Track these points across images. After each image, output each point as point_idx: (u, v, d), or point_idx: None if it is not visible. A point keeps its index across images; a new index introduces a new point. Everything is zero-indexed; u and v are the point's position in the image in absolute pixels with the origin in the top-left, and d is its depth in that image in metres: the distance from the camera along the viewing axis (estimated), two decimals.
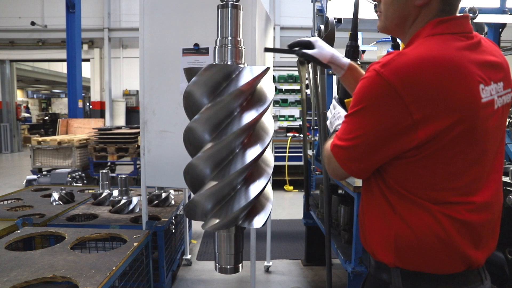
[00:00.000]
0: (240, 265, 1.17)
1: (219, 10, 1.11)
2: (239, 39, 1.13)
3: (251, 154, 1.05)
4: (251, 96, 1.10)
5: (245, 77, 1.04)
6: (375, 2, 1.14)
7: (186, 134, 1.09)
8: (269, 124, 1.16)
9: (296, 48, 1.32)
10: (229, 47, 1.11)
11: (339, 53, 1.33)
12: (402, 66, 0.87)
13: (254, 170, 1.11)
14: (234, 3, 1.10)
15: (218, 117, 1.06)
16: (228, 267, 1.15)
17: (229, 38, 1.11)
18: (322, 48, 1.28)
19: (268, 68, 1.09)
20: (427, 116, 0.85)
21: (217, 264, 1.16)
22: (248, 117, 1.05)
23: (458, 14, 0.97)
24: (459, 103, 0.86)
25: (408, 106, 0.85)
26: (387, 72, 0.87)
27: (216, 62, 1.13)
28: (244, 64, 1.13)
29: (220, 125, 1.07)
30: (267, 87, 1.13)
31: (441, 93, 0.85)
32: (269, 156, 1.17)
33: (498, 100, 0.93)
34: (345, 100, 1.28)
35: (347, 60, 1.29)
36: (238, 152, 1.08)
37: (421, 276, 0.95)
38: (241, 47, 1.14)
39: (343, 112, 1.21)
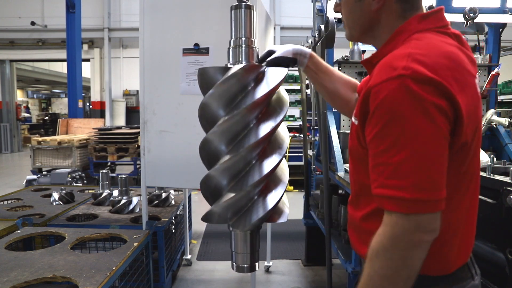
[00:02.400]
0: (257, 263, 1.18)
1: (233, 11, 1.12)
2: (252, 39, 1.13)
3: (265, 129, 1.06)
4: (262, 79, 1.10)
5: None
6: (338, 14, 1.12)
7: (201, 111, 1.09)
8: (285, 97, 1.16)
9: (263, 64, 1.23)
10: (243, 48, 1.12)
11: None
12: (426, 59, 0.81)
13: (268, 147, 1.11)
14: (248, 3, 1.10)
15: (232, 92, 1.06)
16: (245, 266, 1.16)
17: (243, 38, 1.12)
18: (281, 47, 1.25)
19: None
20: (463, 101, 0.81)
21: (234, 263, 1.18)
22: (262, 90, 1.05)
23: (434, 9, 0.96)
24: (473, 101, 0.86)
25: (456, 96, 0.79)
26: (418, 67, 0.79)
27: (231, 62, 1.14)
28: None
29: (234, 100, 1.08)
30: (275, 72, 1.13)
31: (463, 86, 0.83)
32: (284, 133, 1.18)
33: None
34: None
35: (309, 50, 1.27)
36: (252, 127, 1.08)
37: (420, 278, 0.90)
38: (255, 47, 1.14)
39: None
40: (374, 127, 0.83)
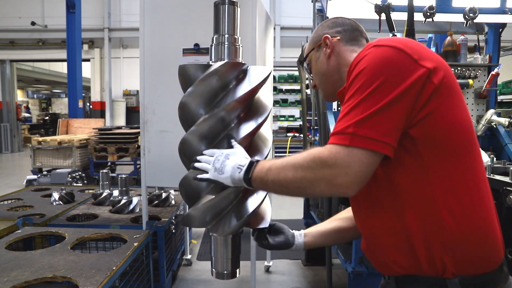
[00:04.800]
0: (238, 270, 1.13)
1: (216, 7, 1.08)
2: (236, 36, 1.10)
3: (246, 129, 1.03)
4: (249, 108, 1.08)
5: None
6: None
7: (181, 111, 1.05)
8: (267, 100, 1.15)
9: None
10: (226, 45, 1.09)
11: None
12: (393, 39, 0.93)
13: (250, 149, 1.08)
14: (232, 0, 1.08)
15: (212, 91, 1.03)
16: (225, 272, 1.11)
17: (226, 35, 1.08)
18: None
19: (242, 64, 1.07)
20: (434, 67, 0.87)
21: (213, 269, 1.12)
22: (244, 88, 1.03)
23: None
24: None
25: (418, 61, 0.86)
26: (385, 42, 0.90)
27: (213, 60, 1.11)
28: (241, 61, 1.11)
29: (215, 98, 1.04)
30: (264, 97, 1.12)
31: (430, 55, 0.91)
32: (267, 134, 1.17)
33: None
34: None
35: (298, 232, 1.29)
36: (233, 127, 1.05)
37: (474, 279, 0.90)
38: (238, 45, 1.11)
39: (237, 148, 1.02)
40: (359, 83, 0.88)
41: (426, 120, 0.87)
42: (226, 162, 0.95)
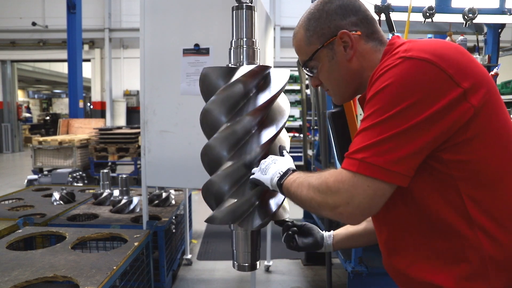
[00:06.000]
0: (258, 262, 1.19)
1: (234, 11, 1.13)
2: (254, 40, 1.14)
3: (266, 135, 1.07)
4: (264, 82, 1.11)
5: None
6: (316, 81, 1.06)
7: (203, 117, 1.10)
8: (285, 105, 1.17)
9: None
10: (244, 48, 1.13)
11: None
12: (426, 46, 0.81)
13: (268, 153, 1.12)
14: (249, 4, 1.11)
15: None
16: (246, 264, 1.17)
17: (244, 39, 1.13)
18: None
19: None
20: (473, 85, 0.78)
21: (235, 262, 1.18)
22: (264, 97, 1.06)
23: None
24: (487, 77, 0.84)
25: (453, 77, 0.77)
26: (417, 53, 0.79)
27: (232, 63, 1.15)
28: (258, 63, 1.14)
29: (236, 106, 1.09)
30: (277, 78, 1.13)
31: (469, 67, 0.81)
32: (285, 137, 1.20)
33: None
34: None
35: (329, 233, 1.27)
36: (254, 133, 1.09)
37: None
38: (256, 48, 1.15)
39: (286, 157, 1.06)
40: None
41: (462, 146, 0.79)
42: (272, 165, 0.99)
